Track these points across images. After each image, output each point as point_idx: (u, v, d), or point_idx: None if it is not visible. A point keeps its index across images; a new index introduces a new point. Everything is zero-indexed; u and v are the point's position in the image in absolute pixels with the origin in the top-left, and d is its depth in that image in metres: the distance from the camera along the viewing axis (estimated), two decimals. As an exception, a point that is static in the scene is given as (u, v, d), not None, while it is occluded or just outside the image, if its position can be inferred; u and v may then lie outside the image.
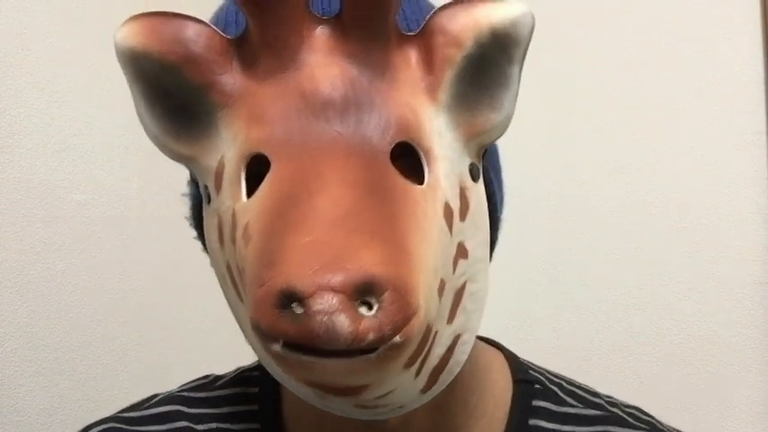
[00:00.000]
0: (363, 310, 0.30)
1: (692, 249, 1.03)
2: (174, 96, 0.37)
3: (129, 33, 0.36)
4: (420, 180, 0.36)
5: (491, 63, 0.37)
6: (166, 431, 0.51)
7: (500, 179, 0.47)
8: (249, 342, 0.40)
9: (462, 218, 0.38)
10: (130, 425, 0.52)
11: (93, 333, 0.92)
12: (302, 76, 0.35)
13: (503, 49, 0.37)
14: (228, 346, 0.72)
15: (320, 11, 0.37)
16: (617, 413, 0.51)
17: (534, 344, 1.07)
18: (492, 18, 0.37)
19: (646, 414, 0.53)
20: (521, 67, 0.38)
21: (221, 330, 0.85)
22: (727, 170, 1.02)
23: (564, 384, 0.53)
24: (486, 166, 0.43)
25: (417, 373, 0.37)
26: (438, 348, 0.37)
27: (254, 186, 0.35)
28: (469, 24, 0.37)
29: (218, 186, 0.37)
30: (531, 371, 0.52)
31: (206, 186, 0.38)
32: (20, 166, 0.84)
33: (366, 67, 0.36)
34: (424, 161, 0.36)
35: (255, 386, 0.52)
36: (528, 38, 0.37)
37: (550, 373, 0.54)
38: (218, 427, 0.51)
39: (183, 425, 0.51)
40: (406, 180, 0.35)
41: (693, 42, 1.04)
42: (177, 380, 0.57)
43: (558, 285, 1.10)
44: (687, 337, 1.04)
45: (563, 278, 1.10)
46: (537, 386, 0.51)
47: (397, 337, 0.30)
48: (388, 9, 0.35)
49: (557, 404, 0.50)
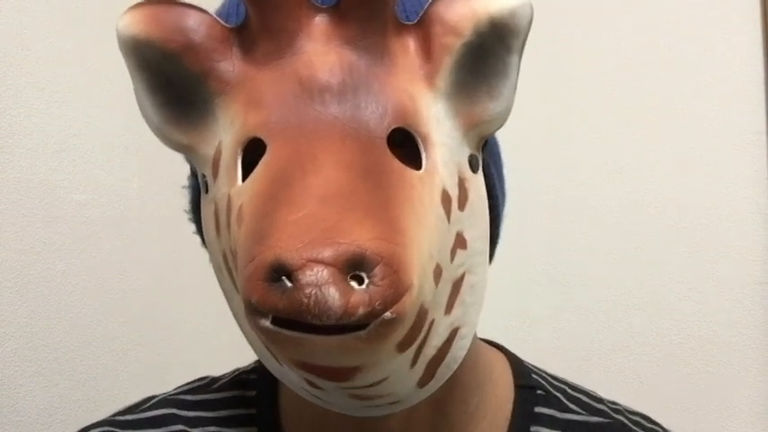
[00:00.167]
0: (354, 284, 0.30)
1: (691, 249, 1.03)
2: (175, 85, 0.37)
3: (132, 21, 0.36)
4: (418, 167, 0.36)
5: (489, 52, 0.37)
6: None
7: (501, 174, 0.47)
8: (244, 332, 0.39)
9: (461, 207, 0.37)
10: (125, 428, 0.51)
11: (93, 333, 0.92)
12: (300, 62, 0.35)
13: (501, 39, 0.37)
14: (228, 347, 0.72)
15: (320, 0, 0.37)
16: (621, 420, 0.51)
17: (534, 344, 1.06)
18: (490, 8, 0.37)
19: (651, 422, 0.52)
20: (520, 57, 0.38)
21: (221, 331, 0.86)
22: (726, 170, 1.02)
23: (567, 390, 0.52)
24: (487, 159, 0.43)
25: (413, 362, 0.36)
26: (435, 339, 0.37)
27: (250, 173, 0.35)
28: (468, 14, 0.37)
29: (215, 173, 0.37)
30: (534, 375, 0.52)
31: (204, 176, 0.38)
32: (20, 166, 0.84)
33: (364, 54, 0.36)
34: (421, 147, 0.36)
35: (253, 389, 0.52)
36: (527, 28, 0.37)
37: (554, 377, 0.53)
38: (214, 430, 0.50)
39: (179, 428, 0.50)
40: (403, 165, 0.35)
41: (693, 42, 1.04)
42: (177, 380, 0.57)
43: (558, 285, 1.09)
44: (687, 337, 1.03)
45: (563, 278, 1.09)
46: (539, 392, 0.50)
47: (389, 312, 0.30)
48: None
49: (560, 411, 0.50)
